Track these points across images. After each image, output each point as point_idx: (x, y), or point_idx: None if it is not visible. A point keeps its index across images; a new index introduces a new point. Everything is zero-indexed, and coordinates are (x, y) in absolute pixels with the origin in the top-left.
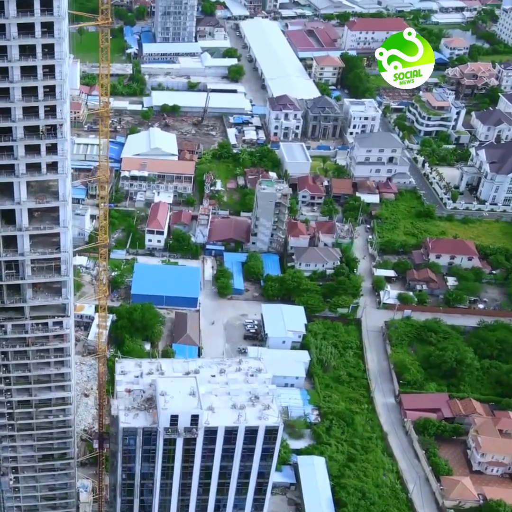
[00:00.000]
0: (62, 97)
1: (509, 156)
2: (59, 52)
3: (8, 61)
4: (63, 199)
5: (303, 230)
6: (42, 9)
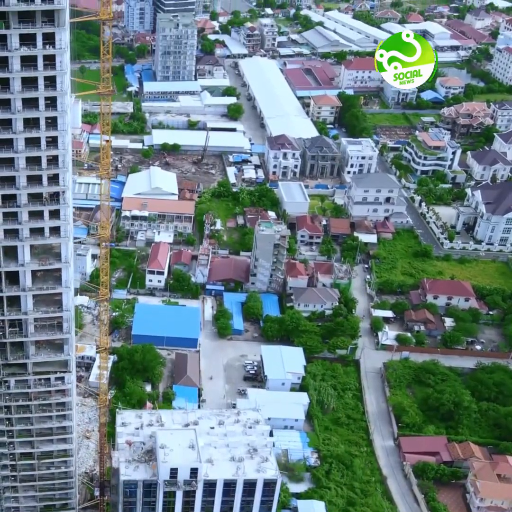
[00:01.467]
0: (65, 166)
1: (505, 197)
2: (61, 124)
3: (13, 132)
4: (65, 261)
5: (301, 271)
6: (45, 84)
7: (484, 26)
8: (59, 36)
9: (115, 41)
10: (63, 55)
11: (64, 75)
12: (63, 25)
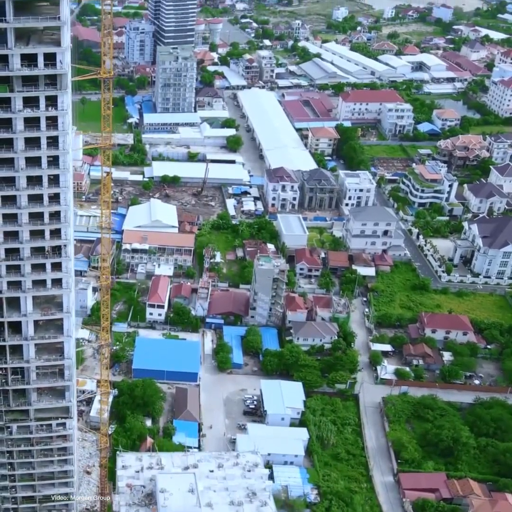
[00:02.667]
0: (66, 221)
1: (501, 231)
2: (63, 182)
3: (17, 189)
4: (67, 311)
5: (300, 304)
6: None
7: (480, 58)
8: (61, 98)
9: (116, 73)
10: (65, 116)
11: (66, 135)
12: (65, 88)
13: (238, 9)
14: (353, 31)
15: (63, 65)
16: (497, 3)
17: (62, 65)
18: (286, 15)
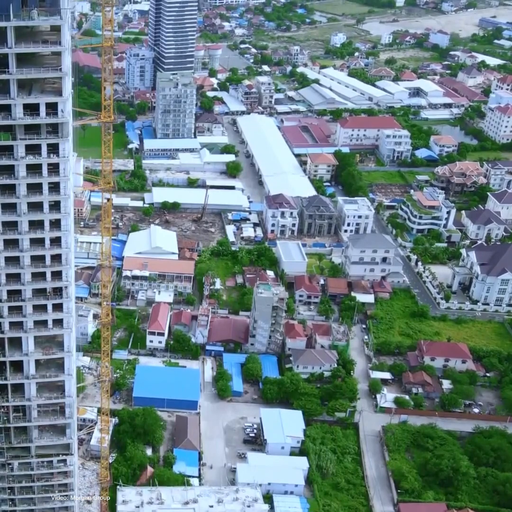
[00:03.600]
0: (68, 263)
1: (499, 258)
2: (65, 225)
3: (19, 233)
4: (68, 350)
5: (300, 332)
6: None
7: (476, 83)
8: (63, 146)
9: (116, 98)
10: (67, 164)
11: (67, 181)
12: (67, 136)
13: (237, 35)
14: (351, 56)
15: (64, 113)
16: (493, 29)
17: (63, 114)
18: (284, 40)
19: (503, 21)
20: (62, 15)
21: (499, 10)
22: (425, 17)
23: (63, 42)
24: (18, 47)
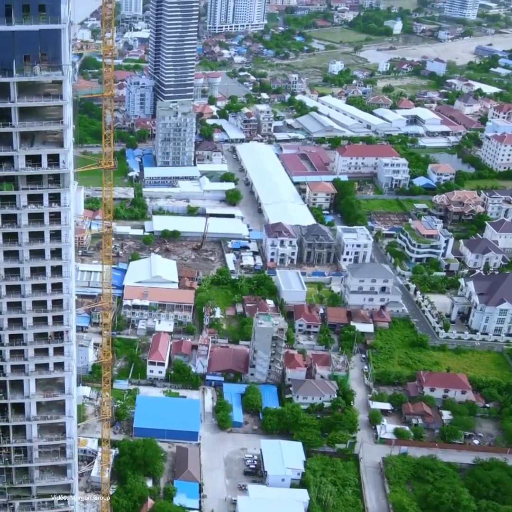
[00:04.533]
0: (69, 308)
1: (497, 288)
2: (66, 271)
3: (21, 279)
4: (69, 392)
5: (300, 362)
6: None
7: (473, 111)
8: (64, 195)
9: (117, 126)
10: (68, 213)
11: (69, 229)
12: (68, 186)
13: (236, 62)
14: (349, 84)
15: (65, 164)
16: (489, 57)
17: (64, 165)
18: (283, 68)
19: (499, 49)
20: (63, 70)
21: (495, 38)
22: (422, 45)
23: (65, 96)
24: (20, 101)
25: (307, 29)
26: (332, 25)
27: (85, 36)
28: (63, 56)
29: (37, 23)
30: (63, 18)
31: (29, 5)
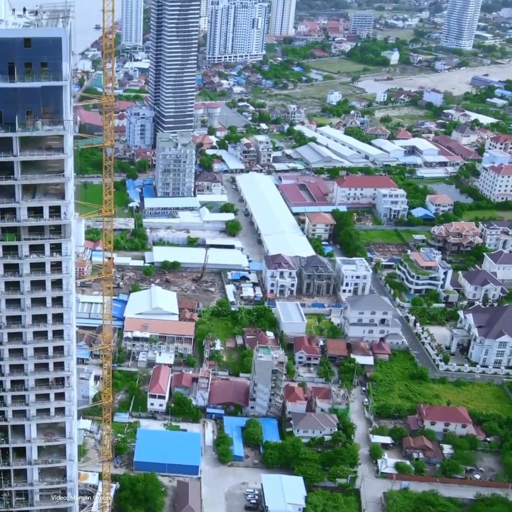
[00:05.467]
0: (70, 354)
1: (496, 321)
2: (67, 319)
3: (22, 326)
4: (70, 436)
5: (300, 395)
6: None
7: (470, 142)
8: (65, 245)
9: (117, 156)
10: (69, 262)
11: (70, 278)
12: (69, 236)
13: (236, 92)
14: (347, 114)
15: (67, 215)
16: (485, 87)
17: (66, 216)
18: (281, 98)
19: (495, 79)
20: (64, 125)
21: (491, 69)
22: (419, 75)
23: (66, 149)
24: (23, 154)
25: (305, 59)
26: (330, 56)
27: (85, 66)
28: (64, 111)
29: (39, 80)
30: (64, 75)
31: (31, 63)
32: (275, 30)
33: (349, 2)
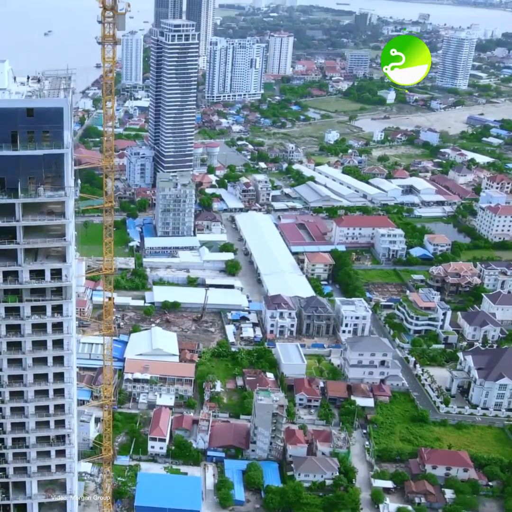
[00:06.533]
0: (70, 412)
1: (496, 363)
2: (68, 378)
3: (24, 385)
4: (71, 493)
5: (301, 438)
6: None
7: (467, 181)
8: (66, 306)
9: (118, 195)
10: (70, 322)
11: (71, 338)
12: (70, 297)
13: (234, 131)
14: (345, 153)
15: (68, 277)
16: (481, 126)
17: (67, 278)
18: (280, 136)
19: (490, 118)
20: (66, 191)
21: (486, 108)
22: (415, 114)
23: (67, 215)
24: (25, 219)
25: (303, 98)
26: (327, 95)
27: (86, 105)
28: (65, 177)
29: (41, 148)
30: (65, 143)
31: (33, 131)
32: (273, 69)
33: (345, 42)
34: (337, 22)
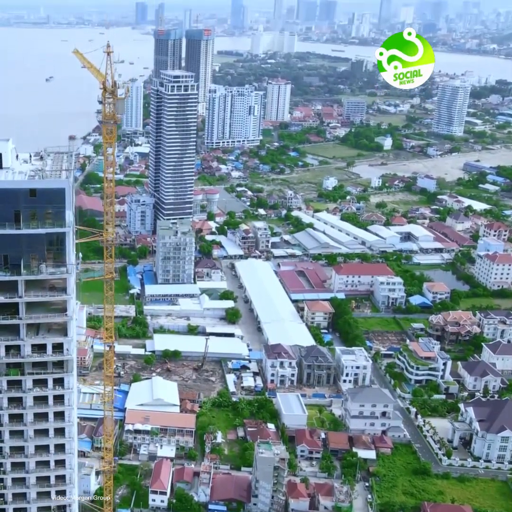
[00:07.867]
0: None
1: (497, 415)
2: (68, 449)
3: (25, 456)
4: None
5: (303, 492)
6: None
7: (465, 228)
8: (68, 379)
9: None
10: (71, 395)
11: (72, 410)
12: (71, 371)
13: (234, 177)
14: (343, 200)
15: (69, 351)
16: (477, 173)
17: (68, 352)
18: (279, 182)
19: (486, 165)
20: (68, 268)
21: (482, 155)
22: (412, 160)
23: (69, 291)
24: (27, 295)
25: (301, 144)
26: (325, 141)
27: (87, 151)
28: (67, 254)
29: (43, 226)
30: (67, 222)
31: (36, 211)
32: (271, 116)
33: (342, 88)
34: (333, 68)
